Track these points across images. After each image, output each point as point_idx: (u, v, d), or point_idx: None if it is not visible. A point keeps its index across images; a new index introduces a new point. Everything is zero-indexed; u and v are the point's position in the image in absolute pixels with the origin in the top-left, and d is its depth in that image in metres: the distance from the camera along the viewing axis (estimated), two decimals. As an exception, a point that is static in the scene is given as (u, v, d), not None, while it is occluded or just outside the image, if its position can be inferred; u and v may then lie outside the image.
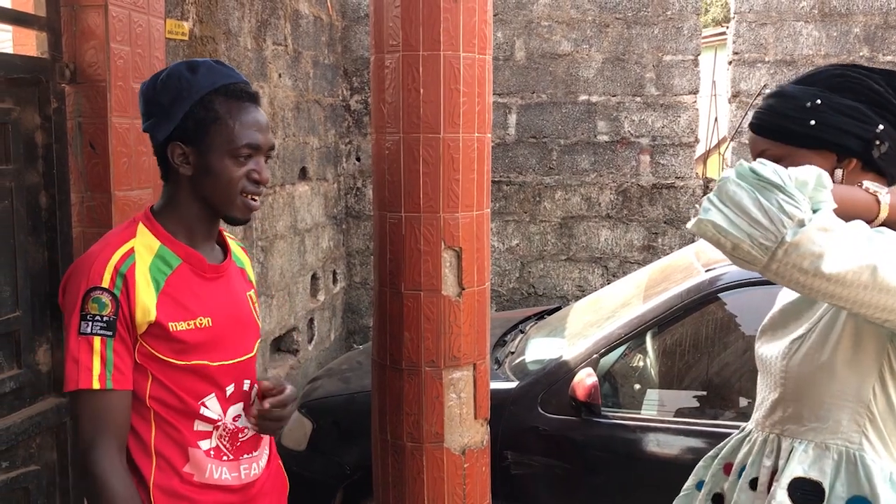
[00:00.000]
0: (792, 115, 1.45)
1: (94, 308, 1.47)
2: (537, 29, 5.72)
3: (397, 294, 2.50)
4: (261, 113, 1.62)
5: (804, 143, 1.45)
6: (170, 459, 1.57)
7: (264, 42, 4.40)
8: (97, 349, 1.47)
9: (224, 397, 1.63)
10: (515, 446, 3.17)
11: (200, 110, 1.55)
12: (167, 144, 1.58)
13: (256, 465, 1.70)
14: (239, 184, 1.58)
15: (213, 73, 1.59)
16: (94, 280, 1.48)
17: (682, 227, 5.73)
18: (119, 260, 1.51)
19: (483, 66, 2.48)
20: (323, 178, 5.54)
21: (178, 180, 1.61)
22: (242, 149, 1.57)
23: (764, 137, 1.50)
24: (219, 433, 1.62)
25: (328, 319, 5.76)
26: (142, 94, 1.62)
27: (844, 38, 5.45)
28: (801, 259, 1.25)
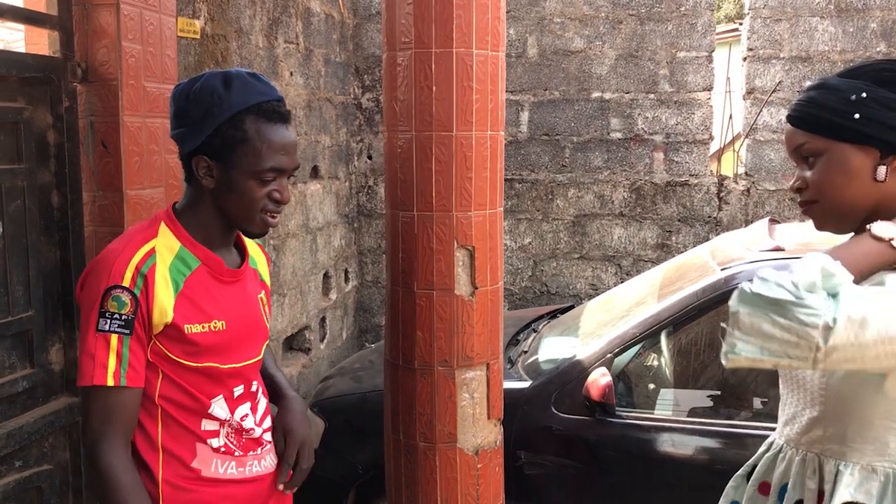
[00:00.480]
0: (835, 108, 1.40)
1: (114, 306, 1.49)
2: (550, 25, 5.68)
3: (410, 293, 2.49)
4: (290, 133, 1.63)
5: (846, 138, 1.39)
6: (177, 455, 1.60)
7: (276, 40, 4.39)
8: (114, 346, 1.49)
9: (231, 398, 1.66)
10: (529, 446, 3.15)
11: (230, 129, 1.55)
12: (193, 155, 1.59)
13: (265, 461, 1.72)
14: (260, 203, 1.60)
15: (247, 90, 1.57)
16: (116, 278, 1.50)
17: (696, 224, 5.69)
18: (141, 260, 1.53)
19: (496, 63, 2.46)
20: (335, 176, 5.53)
21: (201, 189, 1.62)
22: (268, 172, 1.57)
23: (803, 130, 1.44)
24: (226, 431, 1.65)
25: (340, 318, 5.75)
26: (173, 101, 1.62)
27: (861, 34, 5.39)
28: (843, 356, 1.22)
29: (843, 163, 1.40)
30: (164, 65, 2.81)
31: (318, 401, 3.76)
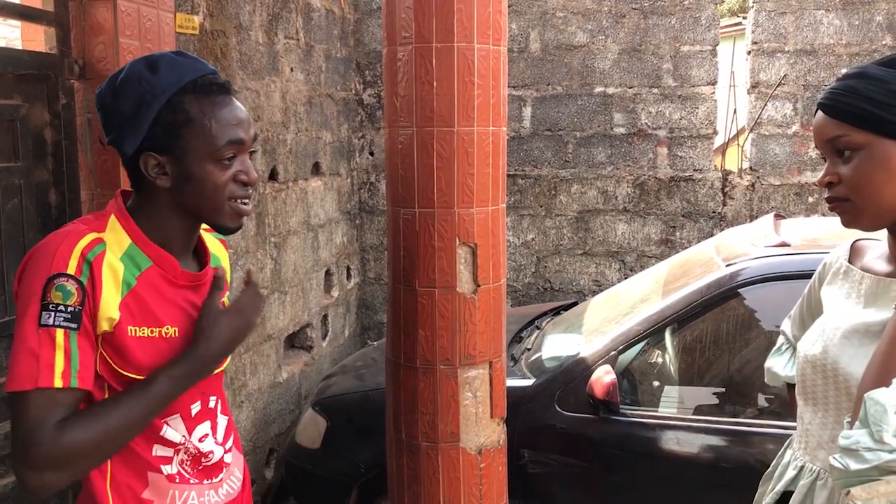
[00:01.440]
0: (878, 100, 1.30)
1: (58, 297, 1.29)
2: (552, 20, 5.64)
3: (411, 291, 2.46)
4: (237, 105, 1.45)
5: (890, 132, 1.30)
6: (127, 483, 1.42)
7: (276, 36, 4.35)
8: (60, 343, 1.29)
9: (189, 416, 1.49)
10: (532, 445, 3.13)
11: (170, 114, 1.38)
12: (138, 156, 1.40)
13: (223, 488, 1.57)
14: (226, 189, 1.43)
15: (176, 68, 1.40)
16: (59, 266, 1.31)
17: (701, 220, 5.65)
18: (87, 246, 1.34)
19: (498, 57, 2.43)
20: (336, 173, 5.50)
21: (155, 192, 1.43)
22: (224, 150, 1.41)
23: (841, 121, 1.34)
24: (180, 458, 1.48)
25: (342, 315, 5.73)
26: (99, 104, 1.43)
27: (867, 27, 5.34)
28: None
29: (886, 159, 1.31)
30: (162, 61, 2.78)
31: (319, 399, 3.73)
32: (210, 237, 1.65)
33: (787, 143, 5.55)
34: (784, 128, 5.53)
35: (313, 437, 3.60)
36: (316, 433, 3.59)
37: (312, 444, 3.59)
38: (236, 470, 1.63)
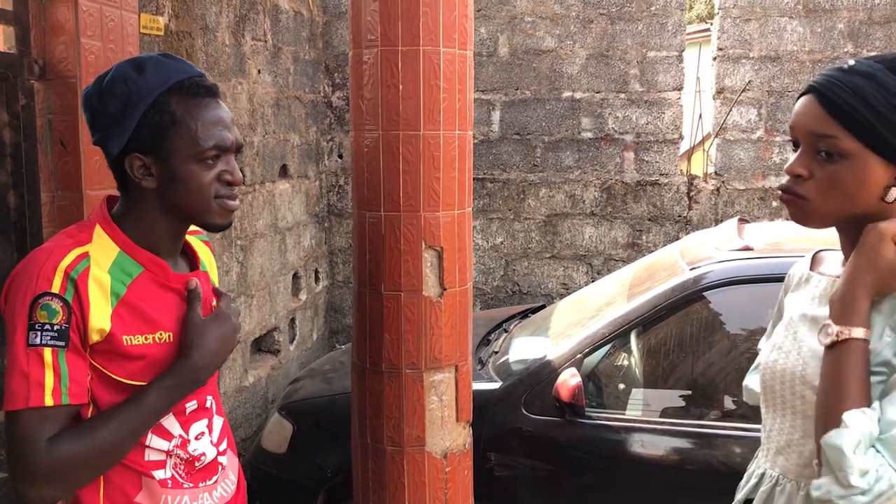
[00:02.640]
0: (884, 115, 1.22)
1: (44, 316, 1.31)
2: (521, 25, 5.67)
3: (377, 295, 2.45)
4: (223, 108, 1.47)
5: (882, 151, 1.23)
6: (119, 487, 1.44)
7: (243, 37, 4.32)
8: (48, 361, 1.31)
9: (183, 413, 1.51)
10: (499, 448, 3.13)
11: (156, 115, 1.39)
12: (124, 157, 1.41)
13: (216, 491, 1.58)
14: (211, 189, 1.44)
15: (162, 69, 1.42)
16: (43, 285, 1.32)
17: (667, 224, 5.70)
18: (70, 264, 1.35)
19: (464, 61, 2.43)
20: (304, 175, 5.47)
21: (142, 194, 1.44)
22: (209, 151, 1.42)
23: (837, 121, 1.25)
24: (173, 462, 1.49)
25: (310, 319, 5.70)
26: (85, 105, 1.45)
27: (829, 34, 5.43)
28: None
29: (864, 174, 1.25)
30: (125, 62, 2.75)
31: (286, 403, 3.70)
32: (196, 240, 1.66)
33: (752, 148, 5.62)
34: (748, 133, 5.60)
35: (279, 442, 3.57)
36: (282, 438, 3.56)
37: (278, 448, 3.56)
38: (231, 473, 1.64)
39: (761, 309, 3.07)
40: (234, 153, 1.49)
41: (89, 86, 1.46)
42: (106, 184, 2.64)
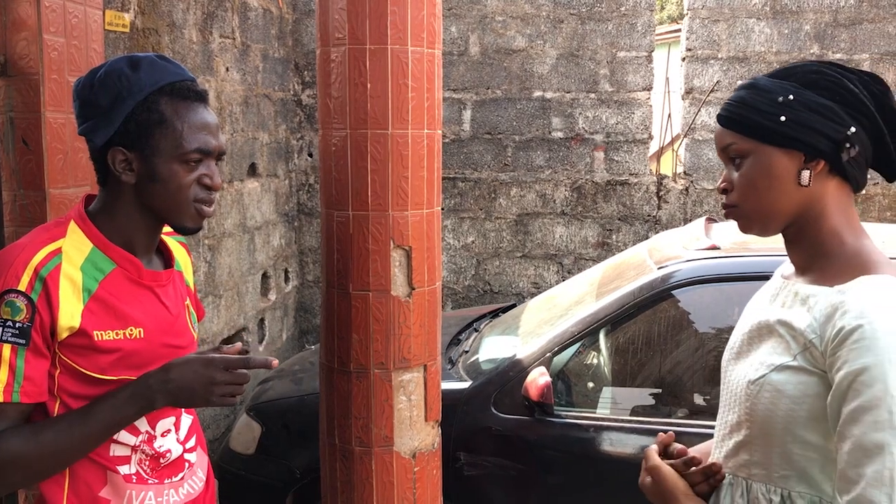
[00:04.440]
0: (763, 109, 1.35)
1: (7, 313, 1.33)
2: (491, 24, 5.67)
3: (345, 295, 2.43)
4: (210, 113, 1.51)
5: (772, 140, 1.35)
6: (85, 481, 1.45)
7: (211, 35, 4.28)
8: (6, 358, 1.33)
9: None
10: (468, 447, 3.13)
11: (144, 112, 1.43)
12: (107, 149, 1.45)
13: (183, 488, 1.58)
14: (190, 191, 1.46)
15: (156, 70, 1.46)
16: (10, 282, 1.35)
17: (636, 223, 5.74)
18: (41, 262, 1.38)
19: (432, 60, 2.42)
20: (273, 174, 5.44)
21: (120, 188, 1.48)
22: (192, 154, 1.44)
23: (731, 131, 1.40)
24: (138, 457, 1.50)
25: (280, 319, 5.66)
26: (76, 94, 1.48)
27: (795, 36, 5.50)
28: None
29: (767, 166, 1.36)
30: (89, 59, 2.71)
31: (255, 404, 3.68)
32: (172, 241, 1.68)
33: (720, 148, 5.68)
34: (717, 133, 5.66)
35: (247, 443, 3.54)
36: (250, 438, 3.53)
37: (246, 449, 3.53)
38: (199, 470, 1.65)
39: (728, 307, 3.11)
40: (216, 159, 1.52)
41: (81, 77, 1.49)
42: (69, 182, 2.61)
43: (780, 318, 1.35)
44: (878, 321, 1.20)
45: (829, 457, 1.28)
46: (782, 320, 1.35)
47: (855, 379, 1.20)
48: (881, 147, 1.37)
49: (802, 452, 1.32)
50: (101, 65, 1.49)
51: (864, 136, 1.34)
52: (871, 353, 1.19)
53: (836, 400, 1.23)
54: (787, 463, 1.34)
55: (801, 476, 1.33)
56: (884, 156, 1.38)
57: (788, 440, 1.32)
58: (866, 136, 1.35)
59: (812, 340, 1.28)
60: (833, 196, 1.36)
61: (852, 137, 1.33)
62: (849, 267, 1.32)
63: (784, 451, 1.34)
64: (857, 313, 1.22)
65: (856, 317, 1.22)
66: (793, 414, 1.31)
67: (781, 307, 1.38)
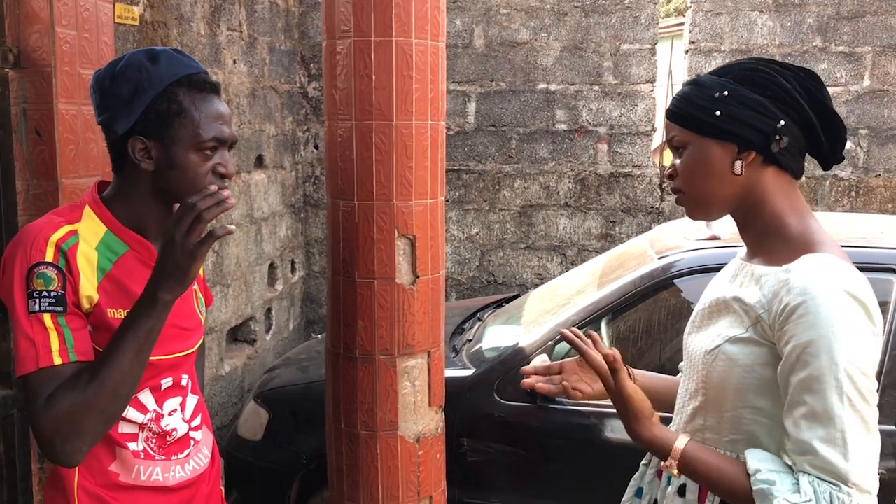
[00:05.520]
0: (700, 104, 1.47)
1: (40, 284, 1.39)
2: (496, 17, 5.71)
3: (351, 282, 2.49)
4: (223, 104, 1.57)
5: (708, 133, 1.46)
6: (94, 455, 1.50)
7: (218, 27, 4.33)
8: (50, 325, 1.39)
9: (158, 389, 1.59)
10: (471, 433, 3.19)
11: (163, 103, 1.48)
12: (127, 138, 1.50)
13: (189, 464, 1.65)
14: (205, 179, 1.52)
15: (174, 62, 1.52)
16: (36, 256, 1.40)
17: (639, 215, 5.78)
18: (61, 238, 1.43)
19: (436, 52, 2.47)
20: (280, 165, 5.49)
21: (137, 175, 1.53)
22: (208, 142, 1.51)
23: (674, 123, 1.52)
24: (145, 434, 1.57)
25: (286, 309, 5.72)
26: (96, 85, 1.53)
27: (798, 28, 5.52)
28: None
29: (703, 156, 1.47)
30: (100, 51, 2.76)
31: (262, 391, 3.74)
32: None
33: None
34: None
35: (255, 429, 3.60)
36: (258, 425, 3.60)
37: (254, 436, 3.60)
38: (204, 448, 1.71)
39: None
40: (228, 148, 1.58)
41: (101, 69, 1.54)
42: (81, 172, 2.66)
43: (736, 295, 1.47)
44: (819, 297, 1.31)
45: (777, 421, 1.39)
46: (737, 297, 1.47)
47: (803, 351, 1.31)
48: (814, 137, 1.47)
49: (752, 417, 1.44)
50: (119, 57, 1.54)
51: (794, 129, 1.44)
52: (815, 327, 1.30)
53: (786, 371, 1.35)
54: (737, 427, 1.46)
55: (750, 440, 1.44)
56: (816, 144, 1.48)
57: (739, 405, 1.44)
58: (797, 129, 1.45)
59: (761, 315, 1.40)
60: (771, 183, 1.47)
61: (781, 130, 1.43)
62: (794, 247, 1.43)
63: (735, 416, 1.46)
64: (800, 290, 1.33)
65: (799, 293, 1.33)
66: (744, 381, 1.43)
67: (739, 287, 1.49)
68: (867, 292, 1.35)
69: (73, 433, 1.36)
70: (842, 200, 5.63)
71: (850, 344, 1.29)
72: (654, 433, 1.50)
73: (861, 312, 1.32)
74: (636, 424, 1.52)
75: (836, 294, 1.31)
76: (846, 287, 1.32)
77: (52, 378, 1.37)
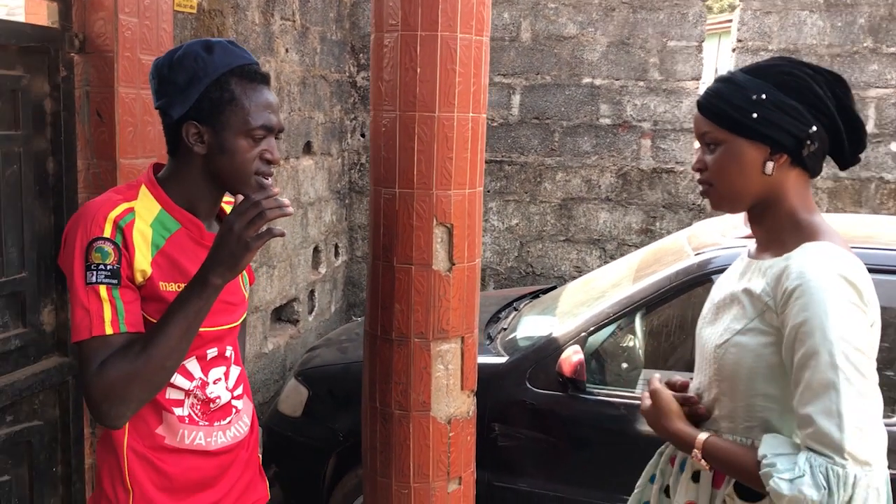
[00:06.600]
0: (737, 104, 1.51)
1: (98, 257, 1.49)
2: (544, 11, 5.75)
3: (390, 267, 2.58)
4: (272, 94, 1.66)
5: (744, 133, 1.52)
6: (143, 418, 1.61)
7: (272, 17, 4.46)
8: (105, 297, 1.49)
9: (204, 358, 1.68)
10: (503, 419, 3.26)
11: (216, 90, 1.57)
12: (182, 123, 1.59)
13: (230, 431, 1.74)
14: (253, 164, 1.61)
15: (228, 53, 1.60)
16: (95, 231, 1.50)
17: (680, 211, 5.79)
18: (118, 215, 1.53)
19: (480, 47, 2.54)
20: (327, 152, 5.61)
21: (190, 158, 1.62)
22: (257, 130, 1.59)
23: (708, 119, 1.56)
24: (190, 401, 1.67)
25: (329, 292, 5.86)
26: (155, 72, 1.63)
27: (849, 29, 5.47)
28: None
29: (737, 155, 1.53)
30: (159, 38, 2.89)
31: (303, 370, 3.86)
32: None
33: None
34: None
35: (295, 406, 3.72)
36: (298, 402, 3.71)
37: (294, 412, 3.72)
38: (245, 416, 1.82)
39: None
40: (276, 135, 1.67)
41: (161, 57, 1.64)
42: (138, 153, 2.80)
43: (745, 287, 1.55)
44: (813, 279, 1.39)
45: (787, 406, 1.46)
46: (746, 289, 1.54)
47: (798, 330, 1.39)
48: (837, 140, 1.53)
49: (764, 404, 1.51)
50: (178, 47, 1.64)
51: (823, 133, 1.51)
52: (810, 306, 1.38)
53: (788, 350, 1.43)
54: (751, 415, 1.54)
55: (764, 426, 1.52)
56: (838, 147, 1.55)
57: (751, 394, 1.52)
58: (825, 132, 1.51)
59: (767, 303, 1.48)
60: (792, 183, 1.55)
61: (813, 135, 1.49)
62: (798, 238, 1.50)
63: (748, 404, 1.54)
64: (798, 274, 1.42)
65: (796, 277, 1.42)
66: (754, 370, 1.51)
67: (748, 282, 1.56)
68: (862, 276, 1.43)
69: (120, 399, 1.48)
70: (887, 203, 5.57)
71: (842, 321, 1.37)
72: (680, 427, 1.61)
73: (853, 293, 1.40)
74: (664, 420, 1.62)
75: (829, 276, 1.39)
76: (839, 270, 1.40)
77: (104, 346, 1.48)
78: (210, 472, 1.71)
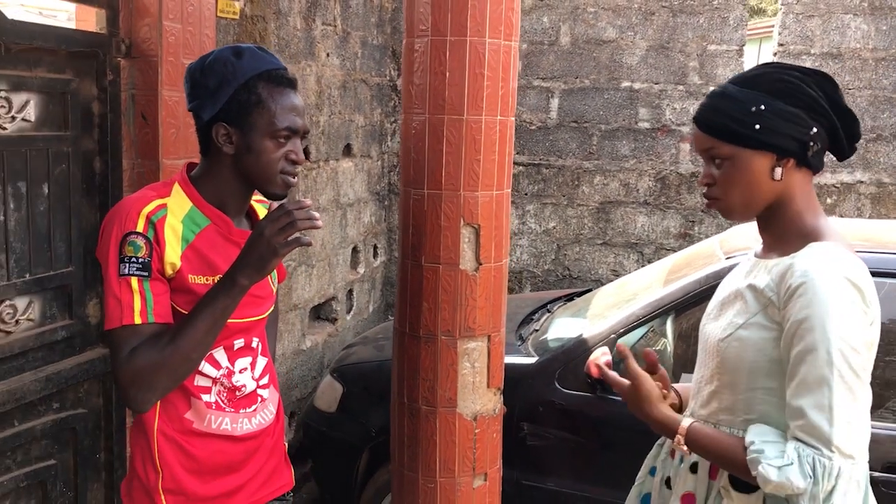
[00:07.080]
0: (738, 118, 1.56)
1: (130, 251, 1.58)
2: (583, 15, 5.77)
3: (418, 266, 2.65)
4: (298, 98, 1.74)
5: (749, 145, 1.56)
6: (173, 403, 1.71)
7: (314, 22, 4.56)
8: (136, 288, 1.58)
9: (231, 348, 1.77)
10: (532, 418, 3.30)
11: (244, 94, 1.65)
12: (212, 124, 1.68)
13: (255, 418, 1.83)
14: (278, 164, 1.69)
15: (256, 58, 1.69)
16: (129, 226, 1.60)
17: (719, 216, 5.76)
18: (151, 211, 1.63)
19: (508, 52, 2.59)
20: (367, 155, 5.71)
21: (220, 157, 1.71)
22: (282, 132, 1.68)
23: (710, 136, 1.60)
24: (217, 388, 1.76)
25: (367, 291, 5.95)
26: (188, 77, 1.72)
27: (894, 32, 5.39)
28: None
29: (747, 166, 1.58)
30: (202, 43, 3.00)
31: (338, 366, 3.95)
32: (261, 207, 1.93)
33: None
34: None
35: (330, 402, 3.81)
36: (333, 398, 3.80)
37: (329, 408, 3.81)
38: (270, 405, 1.90)
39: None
40: (301, 137, 1.76)
41: (194, 61, 1.74)
42: (180, 153, 2.90)
43: (749, 284, 1.60)
44: (817, 278, 1.43)
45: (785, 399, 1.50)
46: (750, 284, 1.59)
47: (799, 326, 1.44)
48: (835, 136, 1.58)
49: (764, 397, 1.56)
50: (210, 52, 1.74)
51: (822, 132, 1.56)
52: (812, 304, 1.42)
53: (787, 345, 1.48)
54: (751, 408, 1.58)
55: (762, 419, 1.56)
56: (837, 143, 1.60)
57: (752, 387, 1.57)
58: (824, 131, 1.56)
59: (770, 298, 1.52)
60: (799, 184, 1.59)
61: (814, 136, 1.54)
62: (804, 239, 1.55)
63: (748, 397, 1.58)
64: (802, 272, 1.46)
65: (801, 275, 1.46)
66: (756, 364, 1.55)
67: (753, 279, 1.61)
68: (865, 278, 1.47)
69: (146, 386, 1.58)
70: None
71: (842, 321, 1.41)
72: (663, 412, 1.67)
73: (856, 295, 1.44)
74: (646, 405, 1.67)
75: (833, 276, 1.44)
76: (843, 271, 1.44)
77: (133, 335, 1.57)
78: (236, 457, 1.80)
